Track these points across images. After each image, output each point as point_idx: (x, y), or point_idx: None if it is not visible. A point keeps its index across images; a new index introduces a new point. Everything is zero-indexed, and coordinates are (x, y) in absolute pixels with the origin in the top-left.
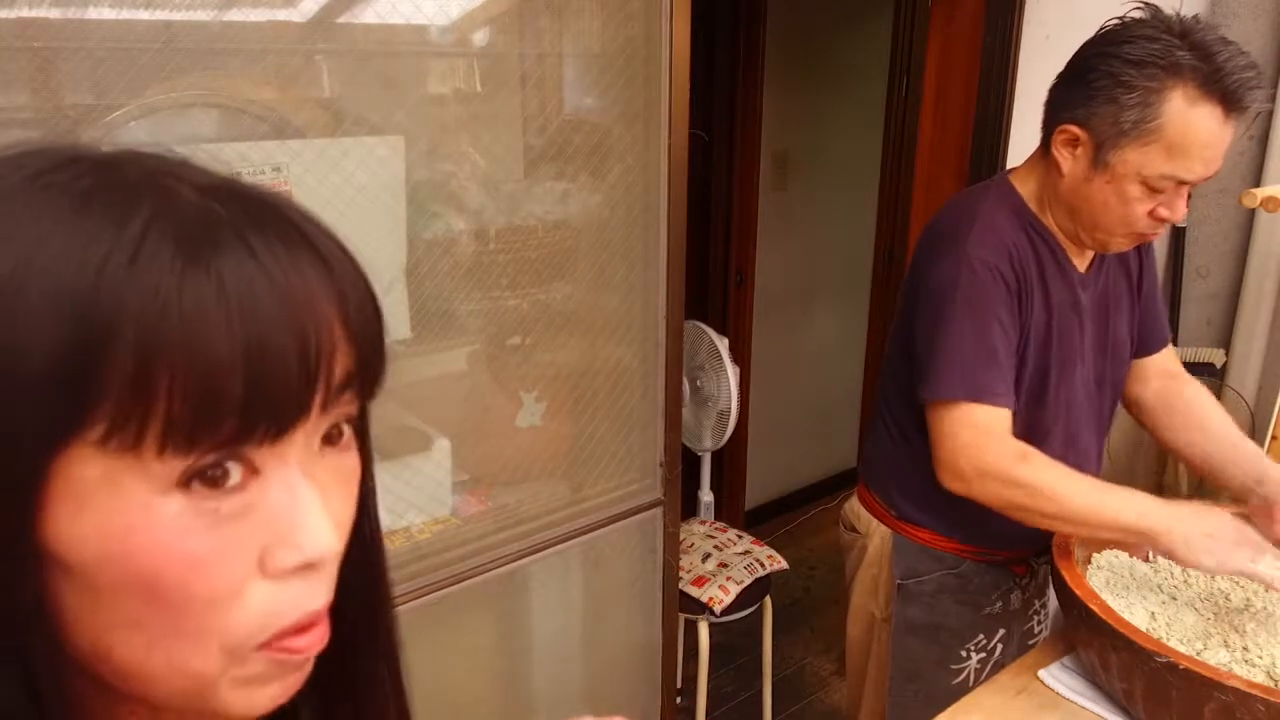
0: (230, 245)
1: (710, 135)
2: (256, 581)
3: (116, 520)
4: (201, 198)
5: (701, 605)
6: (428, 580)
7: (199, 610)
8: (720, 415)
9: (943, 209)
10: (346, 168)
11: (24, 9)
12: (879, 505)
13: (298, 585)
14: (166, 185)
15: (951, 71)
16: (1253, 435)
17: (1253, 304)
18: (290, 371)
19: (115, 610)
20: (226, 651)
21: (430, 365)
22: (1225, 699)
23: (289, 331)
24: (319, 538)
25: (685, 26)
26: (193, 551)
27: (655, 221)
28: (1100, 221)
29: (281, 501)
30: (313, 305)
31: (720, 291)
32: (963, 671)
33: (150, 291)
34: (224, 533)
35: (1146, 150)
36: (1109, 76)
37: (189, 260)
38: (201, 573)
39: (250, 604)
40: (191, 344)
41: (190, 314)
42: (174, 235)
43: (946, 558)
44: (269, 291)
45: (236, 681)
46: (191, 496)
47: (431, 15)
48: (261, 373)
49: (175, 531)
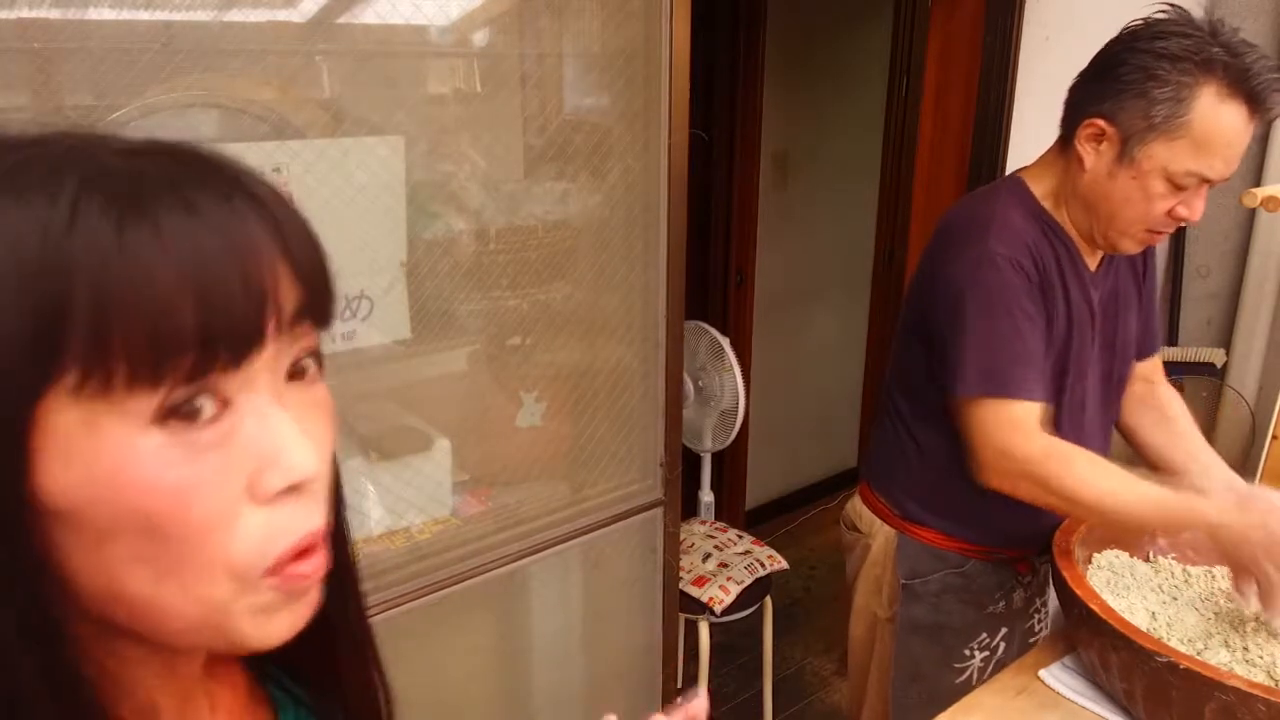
0: (163, 196)
1: (710, 135)
2: (249, 508)
3: (103, 461)
4: (128, 159)
5: (702, 605)
6: (428, 580)
7: (196, 538)
8: (725, 415)
9: (953, 210)
10: (346, 168)
11: (24, 10)
12: (883, 505)
13: (289, 508)
14: (92, 153)
15: (951, 71)
16: (1253, 435)
17: (1253, 304)
18: (236, 301)
19: (118, 548)
20: (235, 578)
21: (430, 365)
22: (1226, 699)
23: (230, 265)
24: (299, 456)
25: (685, 26)
26: (177, 481)
27: (655, 221)
28: (1118, 218)
29: (257, 428)
30: (251, 240)
31: (720, 291)
32: (966, 671)
33: (90, 249)
34: (205, 462)
35: (1173, 145)
36: (1140, 70)
37: (122, 214)
38: (189, 501)
39: (247, 529)
40: (137, 288)
41: (131, 262)
42: (104, 195)
43: (951, 557)
44: (206, 232)
45: (251, 609)
46: (169, 431)
47: (431, 15)
48: (209, 305)
49: (158, 464)
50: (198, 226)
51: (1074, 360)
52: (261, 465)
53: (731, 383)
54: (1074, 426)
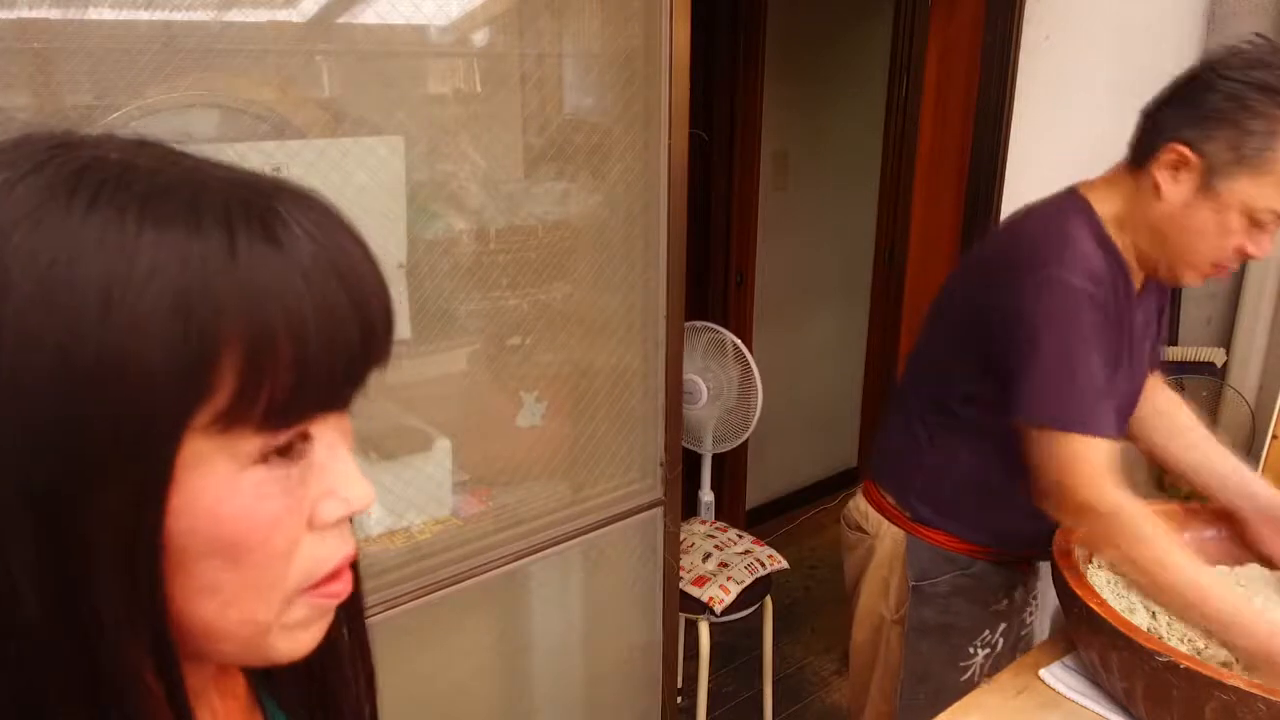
0: (294, 233)
1: (710, 135)
2: (307, 535)
3: (207, 495)
4: (242, 189)
5: (702, 605)
6: (428, 580)
7: (272, 566)
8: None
9: (1016, 225)
10: (346, 168)
11: (24, 9)
12: (891, 506)
13: (335, 535)
14: (205, 180)
15: (951, 72)
16: (1253, 435)
17: (1253, 303)
18: (355, 346)
19: (198, 576)
20: (285, 600)
21: (431, 365)
22: (1226, 698)
23: (353, 310)
24: (360, 489)
25: (685, 26)
26: (271, 514)
27: (655, 221)
28: (1190, 250)
29: (328, 461)
30: (364, 282)
31: (721, 291)
32: (970, 668)
33: (254, 283)
34: (293, 494)
35: (1259, 181)
36: (1233, 100)
37: (276, 250)
38: (276, 531)
39: (303, 555)
40: (292, 329)
41: (288, 301)
42: (255, 227)
43: (960, 559)
44: (334, 273)
45: (285, 627)
46: (270, 467)
47: (431, 15)
48: (338, 350)
49: (257, 499)
50: (327, 267)
51: (1119, 384)
52: (325, 494)
53: (749, 381)
54: None
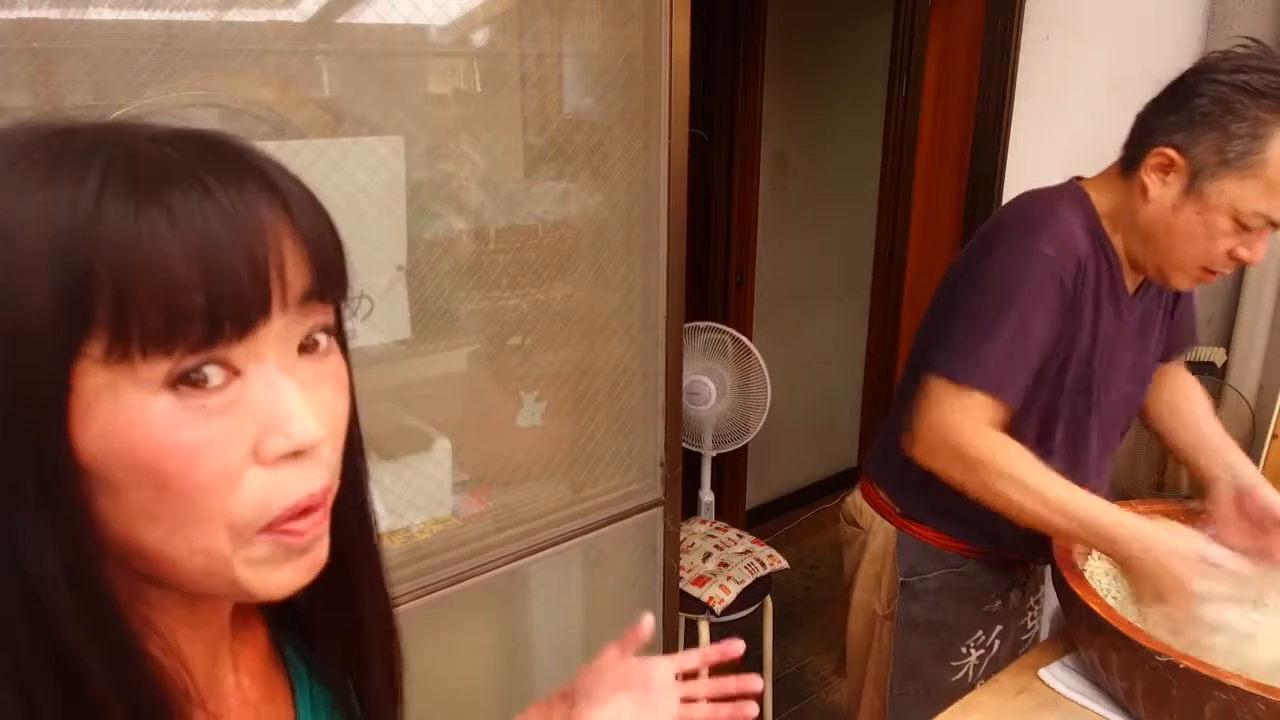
0: (181, 180)
1: (710, 135)
2: (253, 469)
3: (119, 420)
4: (155, 144)
5: (702, 605)
6: (428, 580)
7: (202, 496)
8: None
9: (1015, 202)
10: (346, 168)
11: (24, 10)
12: (884, 501)
13: (291, 471)
14: (122, 138)
15: (952, 71)
16: (1253, 434)
17: (1253, 302)
18: (241, 279)
19: (132, 502)
20: (234, 532)
21: (431, 365)
22: (1226, 698)
23: (237, 246)
24: (303, 424)
25: (685, 26)
26: (186, 442)
27: (655, 221)
28: (1177, 252)
29: (264, 395)
30: (259, 223)
31: (721, 291)
32: (962, 668)
33: (113, 229)
34: (213, 425)
35: (1245, 184)
36: (1219, 103)
37: (142, 197)
38: (197, 461)
39: (249, 489)
40: (152, 267)
41: (147, 242)
42: (129, 179)
43: (950, 556)
44: (217, 214)
45: (247, 562)
46: (180, 396)
47: (431, 15)
48: (216, 283)
49: (168, 425)
50: (209, 209)
51: (1098, 381)
52: (266, 429)
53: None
54: (1097, 443)
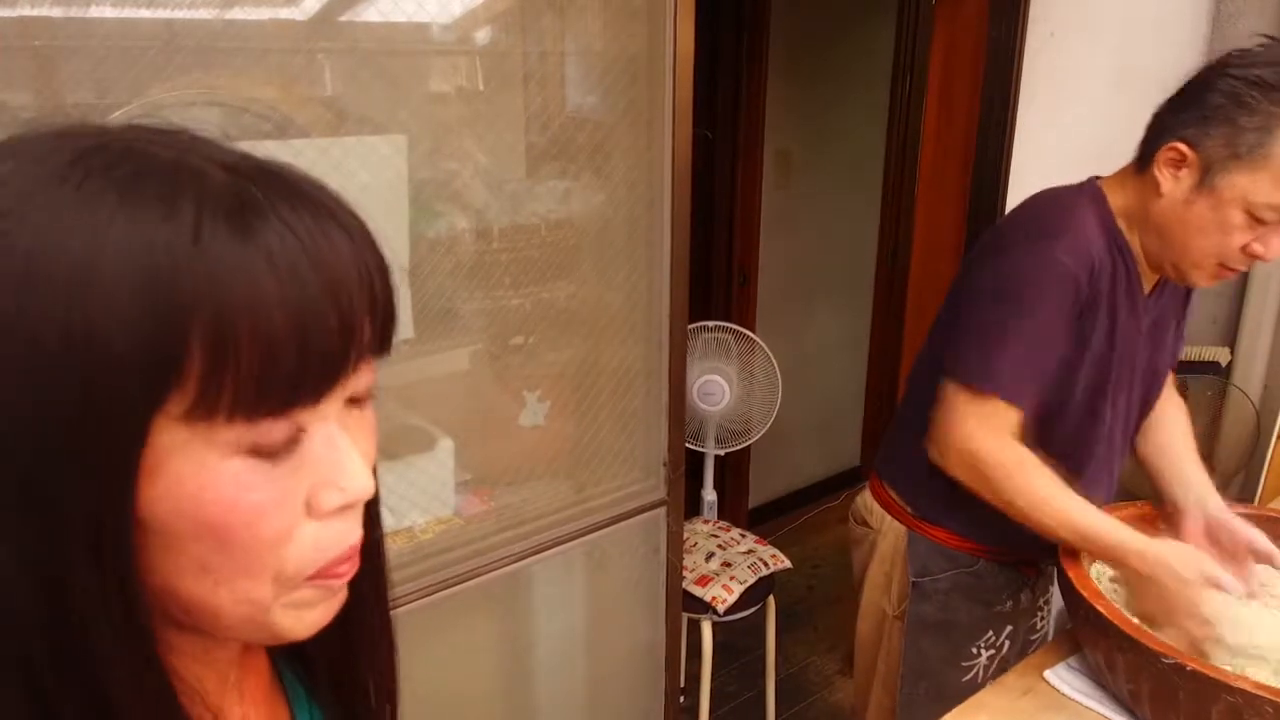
0: (270, 222)
1: (713, 134)
2: (305, 522)
3: (189, 481)
4: (231, 176)
5: (705, 605)
6: (431, 580)
7: (261, 551)
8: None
9: (1032, 202)
10: (349, 167)
11: (26, 8)
12: (895, 502)
13: (338, 523)
14: (197, 165)
15: (955, 69)
16: (1257, 434)
17: (1258, 301)
18: (333, 339)
19: (187, 556)
20: (279, 582)
21: (434, 365)
22: (1233, 700)
23: (330, 302)
24: (359, 480)
25: (689, 25)
26: (255, 503)
27: (659, 220)
28: (1191, 248)
29: (323, 452)
30: (345, 275)
31: (724, 290)
32: (972, 669)
33: (216, 271)
34: (278, 485)
35: (1257, 177)
36: (1230, 97)
37: (243, 239)
38: (262, 520)
39: (300, 541)
40: (256, 320)
41: (252, 291)
42: (224, 215)
43: (961, 557)
44: (309, 265)
45: (287, 606)
46: (250, 458)
47: (434, 13)
48: (309, 342)
49: (239, 488)
50: (301, 257)
51: (1113, 383)
52: (322, 484)
53: (751, 382)
54: (1105, 448)
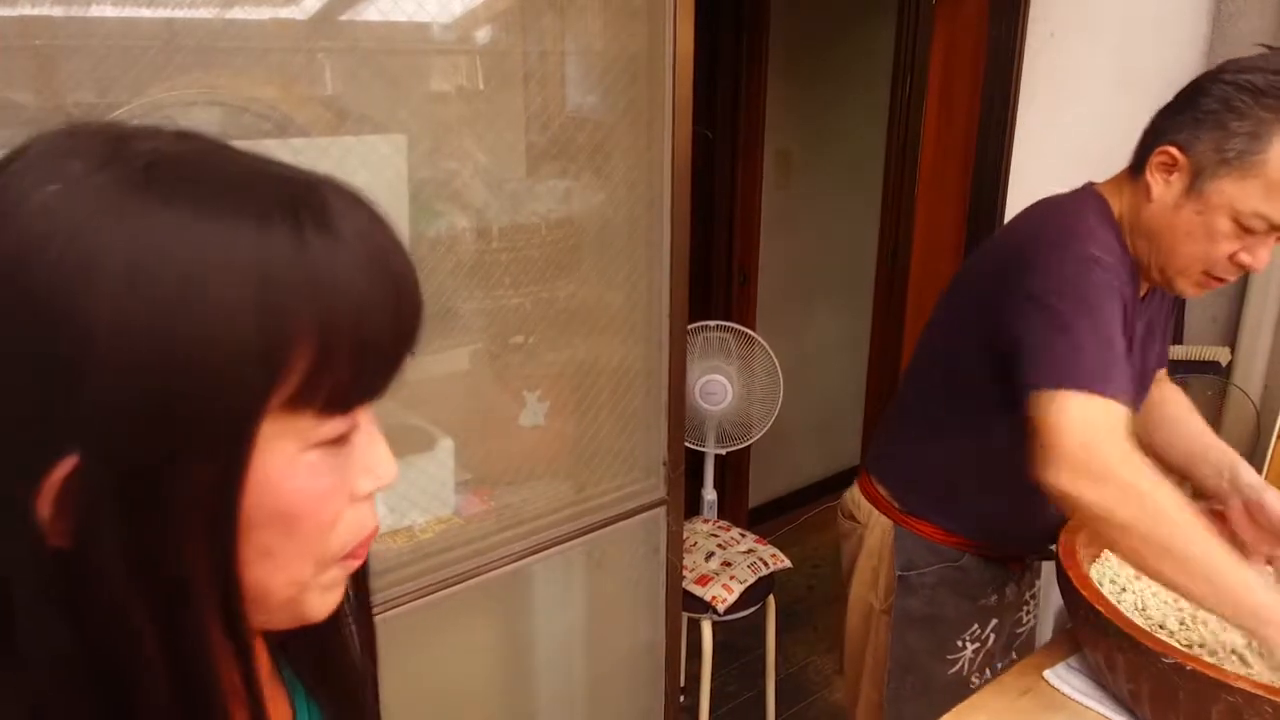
0: (346, 226)
1: (713, 133)
2: (347, 507)
3: (273, 473)
4: (295, 183)
5: (705, 604)
6: (430, 580)
7: (320, 535)
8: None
9: (1037, 209)
10: (349, 166)
11: (26, 7)
12: (882, 496)
13: (366, 506)
14: (264, 171)
15: (956, 69)
16: (1258, 434)
17: (1258, 300)
18: (412, 334)
19: (257, 543)
20: (319, 563)
21: (433, 364)
22: (1233, 700)
23: (406, 301)
24: (390, 467)
25: (689, 25)
26: (324, 491)
27: (659, 220)
28: (1179, 254)
29: (364, 441)
30: (408, 273)
31: (724, 290)
32: (958, 662)
33: (319, 276)
34: (338, 474)
35: (1245, 184)
36: (1221, 102)
37: (334, 244)
38: (325, 505)
39: (343, 525)
40: (356, 320)
41: (350, 293)
42: (312, 222)
43: (947, 551)
44: (383, 266)
45: (321, 587)
46: (318, 449)
47: (434, 13)
48: (396, 339)
49: (313, 476)
50: (377, 259)
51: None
52: (362, 471)
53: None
54: None
